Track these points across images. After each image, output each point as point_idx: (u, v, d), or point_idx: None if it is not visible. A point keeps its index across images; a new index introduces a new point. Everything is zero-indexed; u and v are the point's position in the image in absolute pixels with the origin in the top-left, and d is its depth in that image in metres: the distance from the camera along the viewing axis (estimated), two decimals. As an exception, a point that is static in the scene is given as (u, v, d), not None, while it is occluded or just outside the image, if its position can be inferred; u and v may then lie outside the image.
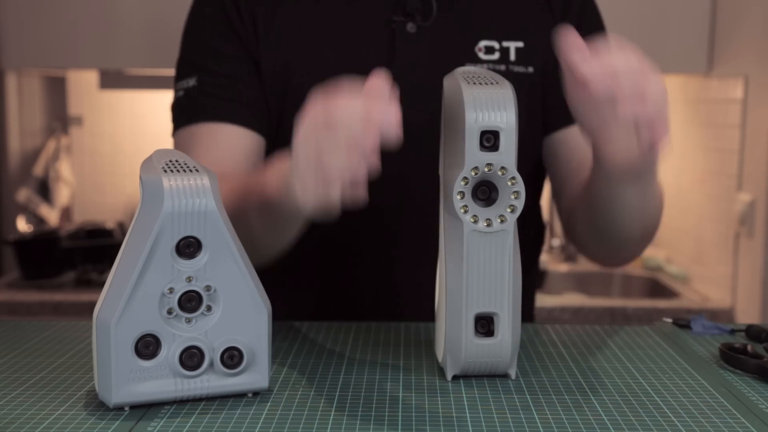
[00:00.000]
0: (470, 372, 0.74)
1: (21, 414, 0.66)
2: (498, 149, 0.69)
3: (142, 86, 2.58)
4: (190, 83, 1.04)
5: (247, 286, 0.68)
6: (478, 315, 0.72)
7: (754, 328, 0.89)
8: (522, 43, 1.05)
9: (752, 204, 2.01)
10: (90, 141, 2.70)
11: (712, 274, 2.25)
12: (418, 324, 0.93)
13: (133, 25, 2.25)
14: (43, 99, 2.68)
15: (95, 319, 0.65)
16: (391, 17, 1.04)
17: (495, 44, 1.04)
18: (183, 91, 1.05)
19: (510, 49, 1.05)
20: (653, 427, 0.64)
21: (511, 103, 0.69)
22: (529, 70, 1.05)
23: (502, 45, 1.05)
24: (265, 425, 0.64)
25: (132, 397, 0.66)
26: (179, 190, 0.64)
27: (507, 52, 1.05)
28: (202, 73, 1.04)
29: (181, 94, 1.05)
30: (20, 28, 2.25)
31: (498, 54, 1.04)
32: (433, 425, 0.64)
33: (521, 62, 1.05)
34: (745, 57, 2.08)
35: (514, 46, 1.05)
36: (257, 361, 0.69)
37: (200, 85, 1.03)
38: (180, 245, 0.65)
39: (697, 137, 2.35)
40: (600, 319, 2.12)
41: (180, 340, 0.66)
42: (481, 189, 0.70)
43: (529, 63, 1.05)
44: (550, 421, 0.65)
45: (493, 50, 1.04)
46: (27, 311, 2.11)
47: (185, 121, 1.04)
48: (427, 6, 1.04)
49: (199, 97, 1.03)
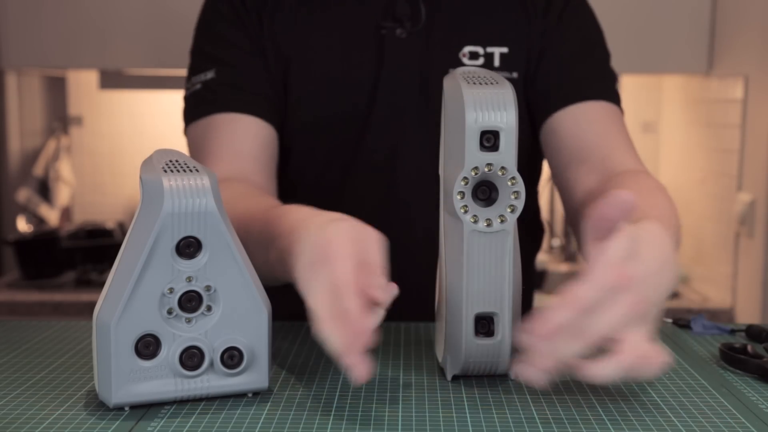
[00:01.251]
0: (470, 372, 0.74)
1: (21, 414, 0.66)
2: (498, 149, 0.69)
3: (142, 86, 2.58)
4: (208, 76, 1.05)
5: (247, 286, 0.68)
6: (478, 315, 0.72)
7: (754, 328, 0.89)
8: (507, 49, 1.06)
9: (752, 204, 2.01)
10: (90, 141, 2.70)
11: (712, 274, 2.25)
12: (418, 324, 0.93)
13: (133, 25, 2.25)
14: (43, 99, 2.68)
15: (95, 319, 0.65)
16: (381, 23, 1.05)
17: (479, 50, 1.06)
18: (201, 84, 1.05)
19: (494, 55, 1.06)
20: (653, 427, 0.64)
21: (511, 103, 0.69)
22: (513, 75, 1.06)
23: (486, 51, 1.06)
24: (265, 425, 0.64)
25: (132, 397, 0.66)
26: (179, 190, 0.64)
27: (491, 58, 1.06)
28: (220, 65, 1.05)
29: (199, 87, 1.05)
30: (20, 28, 2.25)
31: (482, 59, 1.06)
32: (433, 425, 0.64)
33: (506, 68, 1.06)
34: (745, 57, 2.08)
35: (499, 51, 1.06)
36: (257, 361, 0.69)
37: (219, 77, 1.04)
38: (180, 245, 0.65)
39: (697, 137, 2.35)
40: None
41: (180, 340, 0.66)
42: (481, 189, 0.70)
43: (514, 68, 1.06)
44: (550, 421, 0.65)
45: (478, 56, 1.05)
46: (27, 311, 2.11)
47: (204, 112, 1.04)
48: (416, 12, 1.05)
49: (219, 89, 1.04)
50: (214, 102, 1.04)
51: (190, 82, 1.07)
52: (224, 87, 1.04)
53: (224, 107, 1.03)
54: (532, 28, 1.07)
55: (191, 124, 1.06)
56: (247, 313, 0.68)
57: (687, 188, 2.41)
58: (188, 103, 1.07)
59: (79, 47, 2.26)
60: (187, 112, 1.07)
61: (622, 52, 2.24)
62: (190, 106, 1.07)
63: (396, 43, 1.05)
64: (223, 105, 1.03)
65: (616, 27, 2.22)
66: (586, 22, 1.10)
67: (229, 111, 1.03)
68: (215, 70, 1.05)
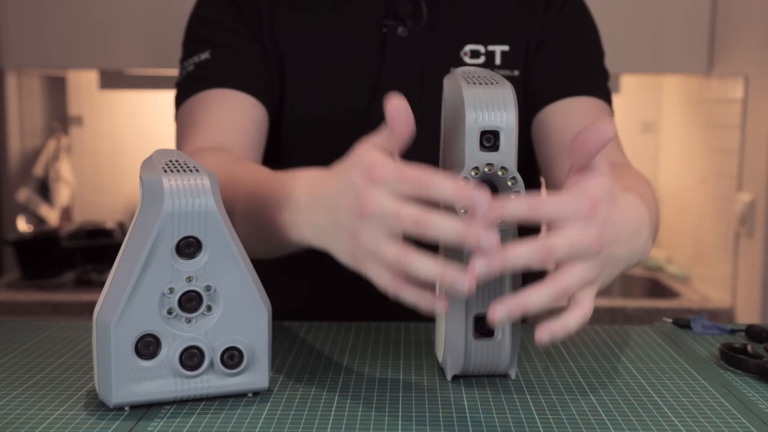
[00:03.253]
0: (470, 372, 0.74)
1: (21, 414, 0.66)
2: (498, 149, 0.69)
3: (142, 86, 2.58)
4: (202, 57, 1.03)
5: (247, 286, 0.68)
6: (478, 315, 0.72)
7: (754, 328, 0.89)
8: (507, 47, 1.07)
9: (752, 204, 2.01)
10: (90, 141, 2.70)
11: (712, 274, 2.25)
12: (418, 324, 0.93)
13: (133, 25, 2.25)
14: (43, 99, 2.68)
15: (95, 319, 0.65)
16: (383, 21, 1.05)
17: (480, 48, 1.06)
18: (194, 65, 1.04)
19: (495, 53, 1.06)
20: (653, 427, 0.64)
21: (512, 103, 0.69)
22: (514, 73, 1.06)
23: (487, 49, 1.06)
24: (265, 425, 0.64)
25: (132, 397, 0.66)
26: (179, 190, 0.64)
27: (492, 56, 1.06)
28: (215, 47, 1.04)
29: (192, 69, 1.04)
30: (20, 28, 2.25)
31: (483, 58, 1.06)
32: (433, 425, 0.64)
33: (507, 66, 1.06)
34: (745, 57, 2.08)
35: (500, 49, 1.06)
36: (257, 361, 0.69)
37: (214, 57, 1.03)
38: (180, 245, 0.65)
39: (697, 137, 2.35)
40: (600, 319, 2.12)
41: (180, 340, 0.66)
42: (481, 189, 0.70)
43: (515, 66, 1.06)
44: (550, 421, 0.65)
45: (479, 54, 1.06)
46: (27, 311, 2.11)
47: (197, 89, 1.02)
48: (417, 10, 1.05)
49: (214, 68, 1.02)
50: (207, 79, 1.02)
51: (183, 66, 1.05)
52: (219, 66, 1.02)
53: (216, 83, 1.01)
54: (532, 25, 1.07)
55: (183, 104, 1.03)
56: (247, 313, 0.68)
57: (687, 188, 2.41)
58: (180, 86, 1.05)
59: (80, 47, 2.26)
60: (179, 93, 1.05)
61: (622, 52, 2.25)
62: (183, 87, 1.04)
63: (397, 42, 1.05)
64: (216, 81, 1.01)
65: (617, 27, 2.22)
66: (581, 21, 1.11)
67: (223, 87, 1.01)
68: (210, 51, 1.03)
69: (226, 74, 1.02)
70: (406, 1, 1.05)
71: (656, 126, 2.65)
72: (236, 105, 1.01)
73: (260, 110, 1.03)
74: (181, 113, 1.04)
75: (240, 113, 1.01)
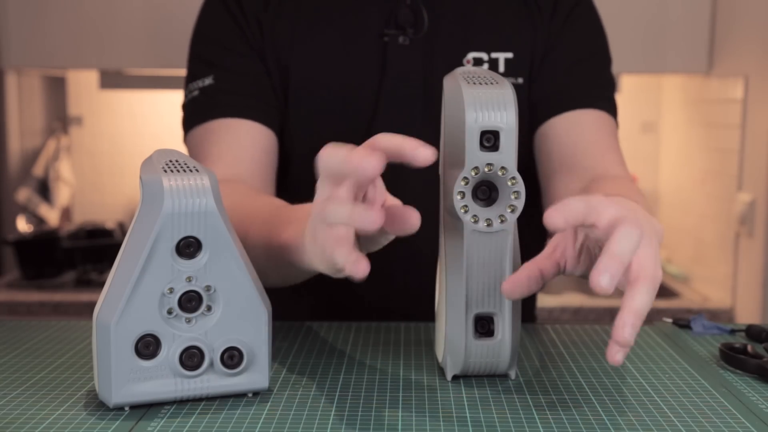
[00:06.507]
0: (470, 372, 0.74)
1: (21, 414, 0.66)
2: (498, 149, 0.69)
3: (142, 86, 2.58)
4: (206, 82, 1.04)
5: (247, 286, 0.68)
6: (478, 315, 0.72)
7: (754, 328, 0.89)
8: (512, 54, 1.05)
9: (752, 204, 2.01)
10: (90, 141, 2.70)
11: (712, 274, 2.25)
12: (418, 324, 0.93)
13: (133, 25, 2.25)
14: (43, 99, 2.68)
15: (95, 319, 0.65)
16: (384, 30, 1.04)
17: (484, 56, 1.05)
18: (198, 90, 1.04)
19: (499, 60, 1.05)
20: (653, 427, 0.64)
21: (512, 103, 0.69)
22: (519, 81, 1.05)
23: (491, 56, 1.05)
24: (265, 425, 0.64)
25: (132, 397, 0.66)
26: (179, 190, 0.64)
27: (496, 64, 1.05)
28: (218, 71, 1.04)
29: (197, 94, 1.04)
30: (21, 28, 2.25)
31: (487, 66, 1.05)
32: (433, 425, 0.64)
33: (511, 73, 1.05)
34: (745, 57, 2.08)
35: (504, 57, 1.05)
36: (257, 361, 0.69)
37: (217, 83, 1.03)
38: (180, 245, 0.65)
39: (697, 137, 2.35)
40: (600, 319, 2.12)
41: (180, 340, 0.66)
42: (482, 189, 0.70)
43: (519, 74, 1.05)
44: (550, 421, 0.65)
45: (482, 62, 1.05)
46: (27, 311, 2.11)
47: (203, 118, 1.03)
48: (419, 19, 1.05)
49: (217, 95, 1.03)
50: (213, 108, 1.03)
51: (188, 89, 1.06)
52: (223, 93, 1.03)
53: (223, 113, 1.02)
54: (537, 32, 1.06)
55: (190, 132, 1.05)
56: (247, 313, 0.68)
57: (687, 188, 2.41)
58: (186, 110, 1.06)
59: (80, 47, 2.26)
60: (185, 119, 1.06)
61: (622, 52, 2.25)
62: (189, 114, 1.06)
63: (399, 51, 1.04)
64: (223, 110, 1.02)
65: (617, 27, 2.22)
66: (589, 28, 1.09)
67: (228, 116, 1.02)
68: (213, 76, 1.04)
69: (232, 102, 1.02)
70: (407, 9, 1.05)
71: (656, 126, 2.65)
72: (244, 134, 1.01)
73: (268, 135, 1.03)
74: (189, 141, 1.05)
75: (249, 143, 1.01)
